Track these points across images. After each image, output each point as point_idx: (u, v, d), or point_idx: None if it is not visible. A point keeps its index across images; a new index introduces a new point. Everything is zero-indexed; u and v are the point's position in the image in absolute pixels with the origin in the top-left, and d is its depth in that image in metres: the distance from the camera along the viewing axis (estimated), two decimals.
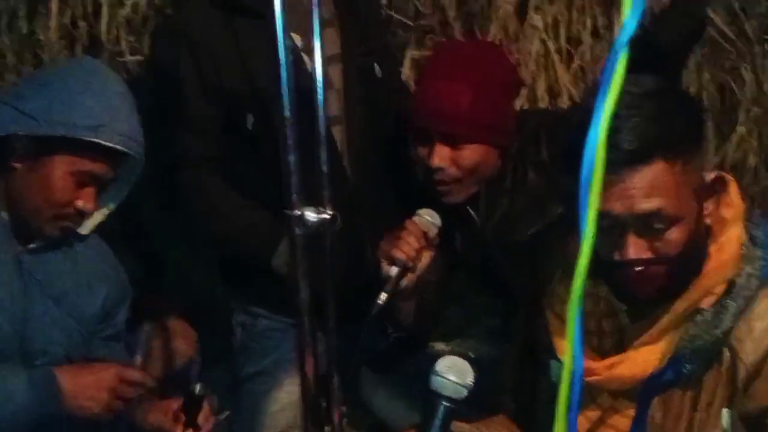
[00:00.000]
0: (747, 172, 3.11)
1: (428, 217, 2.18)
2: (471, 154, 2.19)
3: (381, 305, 2.08)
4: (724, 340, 1.51)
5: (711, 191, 1.52)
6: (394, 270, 2.11)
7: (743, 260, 1.52)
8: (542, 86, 2.93)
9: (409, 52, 2.88)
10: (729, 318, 1.50)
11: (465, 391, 1.60)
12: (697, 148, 1.49)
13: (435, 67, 2.35)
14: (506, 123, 2.25)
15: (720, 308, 1.50)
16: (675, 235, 1.45)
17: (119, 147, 1.94)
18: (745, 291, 1.50)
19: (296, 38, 2.17)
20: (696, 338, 1.50)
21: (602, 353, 1.57)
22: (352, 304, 1.84)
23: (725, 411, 1.52)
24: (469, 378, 1.60)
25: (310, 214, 1.37)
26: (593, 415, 1.60)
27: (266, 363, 2.43)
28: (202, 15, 2.27)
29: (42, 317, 2.01)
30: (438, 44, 2.84)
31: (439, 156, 2.18)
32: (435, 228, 2.17)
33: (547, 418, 0.80)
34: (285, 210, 1.37)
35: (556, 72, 2.93)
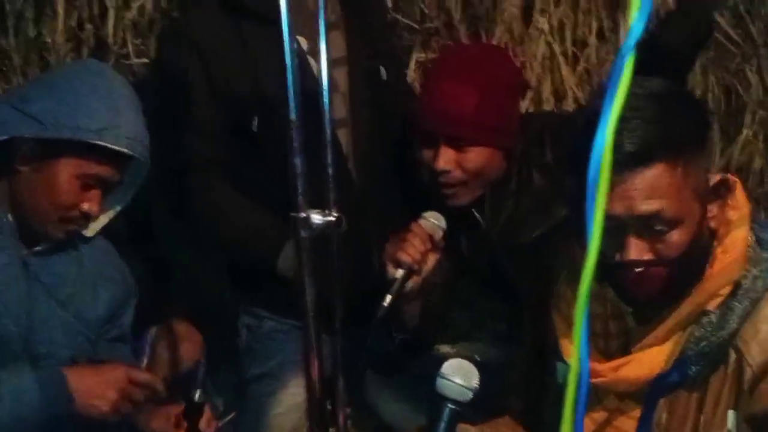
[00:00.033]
0: (752, 175, 3.11)
1: (434, 220, 2.18)
2: (476, 157, 2.19)
3: (386, 308, 2.08)
4: (730, 342, 1.50)
5: (715, 194, 1.51)
6: (400, 273, 2.12)
7: (749, 262, 1.51)
8: (547, 88, 2.93)
9: (415, 55, 2.89)
10: (735, 320, 1.49)
11: (470, 394, 1.60)
12: (700, 151, 1.48)
13: (440, 70, 2.36)
14: (511, 125, 2.25)
15: (726, 310, 1.50)
16: (676, 237, 1.45)
17: (125, 150, 1.94)
18: (752, 293, 1.50)
19: (302, 41, 2.17)
20: (702, 340, 1.50)
21: (608, 355, 1.57)
22: (358, 307, 1.84)
23: (731, 412, 1.52)
24: (475, 380, 1.60)
25: (316, 217, 1.37)
26: (599, 417, 1.59)
27: (271, 365, 2.43)
28: (208, 18, 2.27)
29: (47, 319, 2.01)
30: (444, 47, 2.85)
31: (444, 159, 2.18)
32: (440, 231, 2.18)
33: (554, 420, 0.80)
34: (291, 213, 1.37)
35: (562, 74, 2.93)
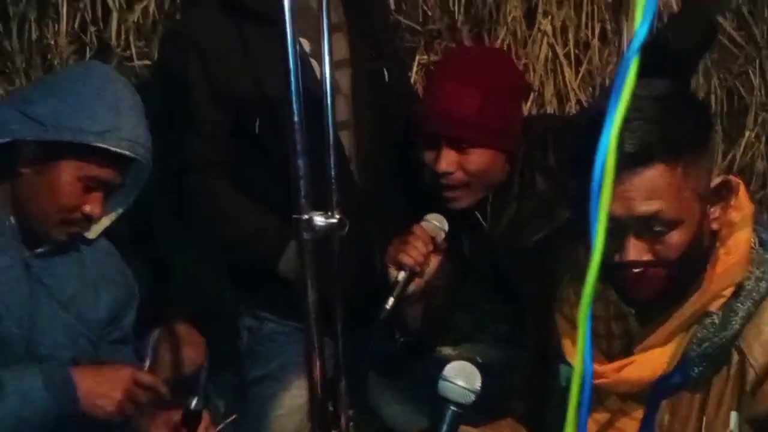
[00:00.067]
0: (755, 177, 3.11)
1: (436, 222, 2.17)
2: (478, 159, 2.18)
3: (389, 310, 2.08)
4: (733, 343, 1.50)
5: (717, 196, 1.51)
6: (402, 275, 2.11)
7: (752, 263, 1.51)
8: (550, 90, 2.93)
9: (418, 57, 2.89)
10: (738, 321, 1.49)
11: (473, 396, 1.60)
12: (701, 152, 1.47)
13: (443, 72, 2.36)
14: (513, 128, 2.24)
15: (728, 311, 1.50)
16: (675, 239, 1.44)
17: (126, 152, 1.94)
18: (754, 294, 1.50)
19: (304, 43, 2.17)
20: (704, 341, 1.50)
21: (611, 356, 1.57)
22: (360, 309, 1.84)
23: (734, 414, 1.51)
24: (477, 383, 1.60)
25: (319, 219, 1.37)
26: (601, 418, 1.59)
27: (273, 367, 2.43)
28: (210, 19, 2.27)
29: (49, 321, 2.01)
30: (447, 50, 2.85)
31: (446, 160, 2.17)
32: (443, 233, 2.17)
33: (558, 423, 0.80)
34: (293, 214, 1.37)
35: (564, 76, 2.94)
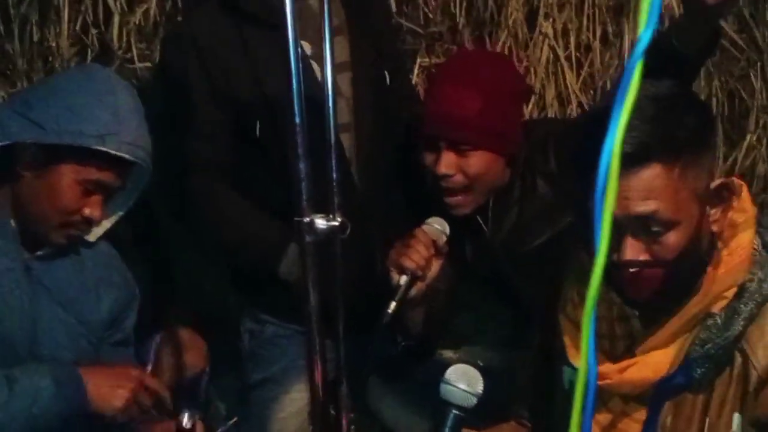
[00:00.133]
0: (757, 179, 3.10)
1: (437, 226, 2.17)
2: (477, 162, 2.18)
3: (390, 314, 2.08)
4: (736, 345, 1.50)
5: (717, 197, 1.51)
6: (404, 278, 2.11)
7: (755, 265, 1.51)
8: (551, 93, 2.93)
9: (419, 60, 2.89)
10: (740, 322, 1.49)
11: (474, 399, 1.60)
12: (700, 153, 1.47)
13: (444, 74, 2.36)
14: (513, 131, 2.24)
15: (731, 312, 1.50)
16: (672, 239, 1.44)
17: (126, 156, 1.94)
18: (757, 296, 1.50)
19: (305, 46, 2.17)
20: (707, 342, 1.50)
21: (614, 357, 1.57)
22: (362, 312, 1.83)
23: (736, 415, 1.51)
24: (479, 386, 1.60)
25: (320, 222, 1.37)
26: (604, 420, 1.59)
27: (274, 370, 2.43)
28: (211, 21, 2.27)
29: (50, 323, 2.01)
30: (448, 52, 2.85)
31: (446, 162, 2.17)
32: (444, 236, 2.17)
33: (561, 425, 0.80)
34: (295, 217, 1.37)
35: (566, 79, 2.93)
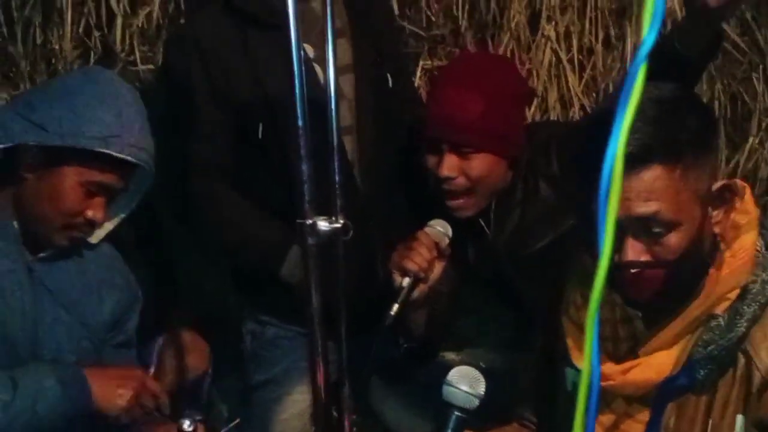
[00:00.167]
0: (759, 182, 3.10)
1: (440, 228, 2.17)
2: (480, 164, 2.18)
3: (393, 316, 2.08)
4: (739, 346, 1.50)
5: (720, 199, 1.51)
6: (406, 281, 2.11)
7: (758, 267, 1.51)
8: (554, 96, 2.93)
9: (421, 62, 2.89)
10: (743, 324, 1.49)
11: (477, 401, 1.61)
12: (702, 154, 1.47)
13: (446, 77, 2.36)
14: (516, 134, 2.24)
15: (734, 314, 1.50)
16: (674, 240, 1.45)
17: (129, 158, 1.94)
18: (760, 297, 1.50)
19: (308, 48, 2.18)
20: (710, 343, 1.50)
21: (617, 359, 1.57)
22: (363, 314, 1.84)
23: (739, 417, 1.51)
24: (481, 388, 1.60)
25: (323, 224, 1.37)
26: (607, 421, 1.59)
27: (276, 371, 2.43)
28: (213, 23, 2.28)
29: (52, 325, 2.01)
30: (451, 55, 2.85)
31: (448, 165, 2.17)
32: (447, 239, 2.17)
33: (565, 426, 0.80)
34: (297, 219, 1.37)
35: (568, 82, 2.93)
